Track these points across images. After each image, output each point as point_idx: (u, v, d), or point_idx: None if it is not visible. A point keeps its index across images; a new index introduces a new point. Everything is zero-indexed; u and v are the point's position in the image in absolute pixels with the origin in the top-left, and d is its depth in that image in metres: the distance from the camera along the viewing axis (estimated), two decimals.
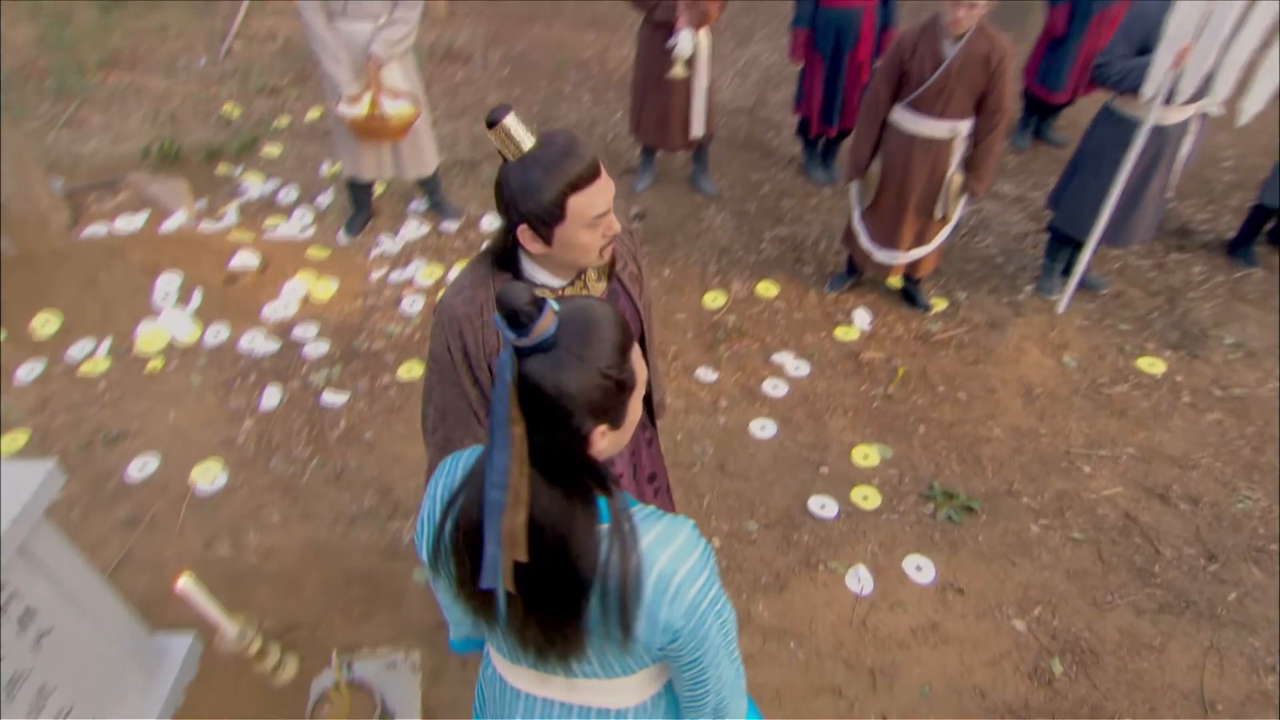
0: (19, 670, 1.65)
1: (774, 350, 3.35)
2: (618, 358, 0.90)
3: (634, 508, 0.98)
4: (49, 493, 1.62)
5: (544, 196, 1.25)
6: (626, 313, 1.57)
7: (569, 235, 1.31)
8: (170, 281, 3.39)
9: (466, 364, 1.40)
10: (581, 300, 0.93)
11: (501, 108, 1.22)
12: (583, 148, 1.25)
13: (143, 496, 2.70)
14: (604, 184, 1.29)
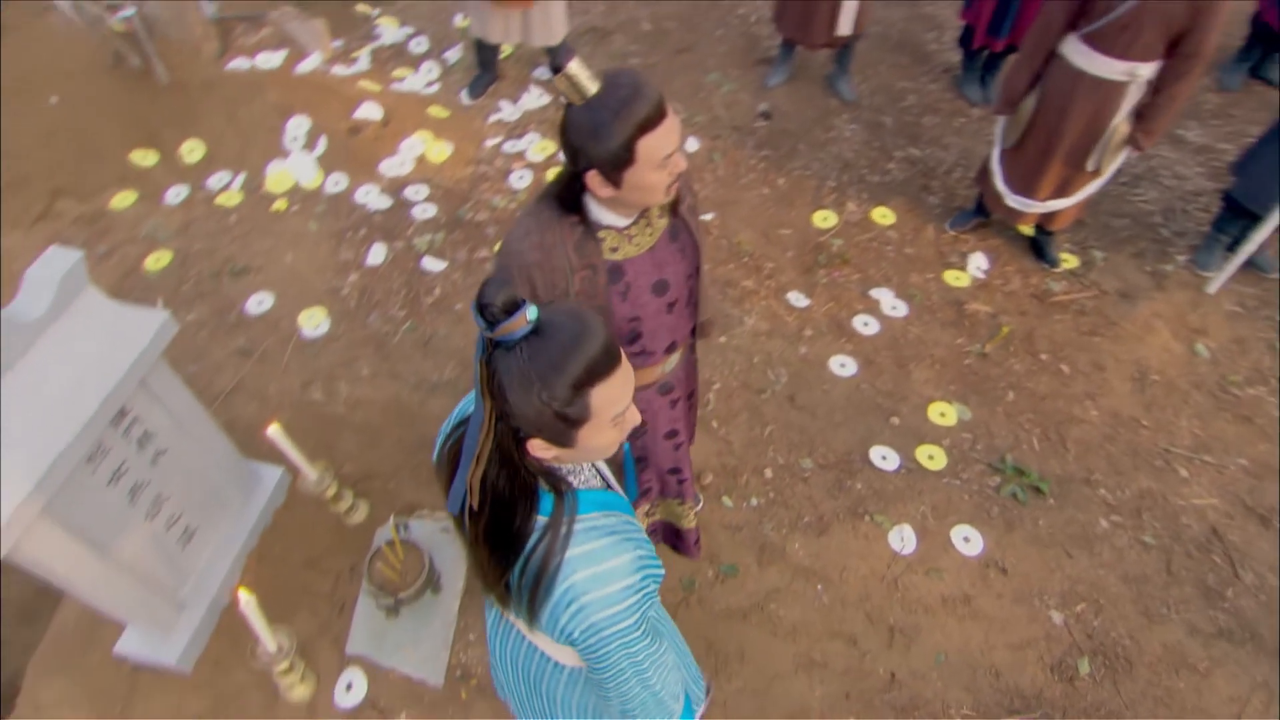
0: (140, 481, 1.93)
1: (874, 284, 3.20)
2: (567, 392, 0.90)
3: (589, 517, 1.02)
4: (165, 338, 1.82)
5: (613, 140, 1.23)
6: (686, 250, 1.55)
7: (638, 177, 1.30)
8: (300, 125, 3.53)
9: (535, 300, 1.44)
10: (573, 316, 0.92)
11: (565, 51, 1.20)
12: (649, 88, 1.23)
13: (257, 331, 2.97)
14: (671, 123, 1.28)
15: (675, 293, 1.56)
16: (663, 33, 4.36)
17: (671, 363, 1.73)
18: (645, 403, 1.75)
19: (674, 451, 1.90)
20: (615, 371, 0.93)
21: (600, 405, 0.94)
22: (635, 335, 1.56)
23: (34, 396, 1.58)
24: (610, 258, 1.44)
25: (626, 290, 1.47)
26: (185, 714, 2.12)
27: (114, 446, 1.82)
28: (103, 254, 3.25)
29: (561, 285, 1.42)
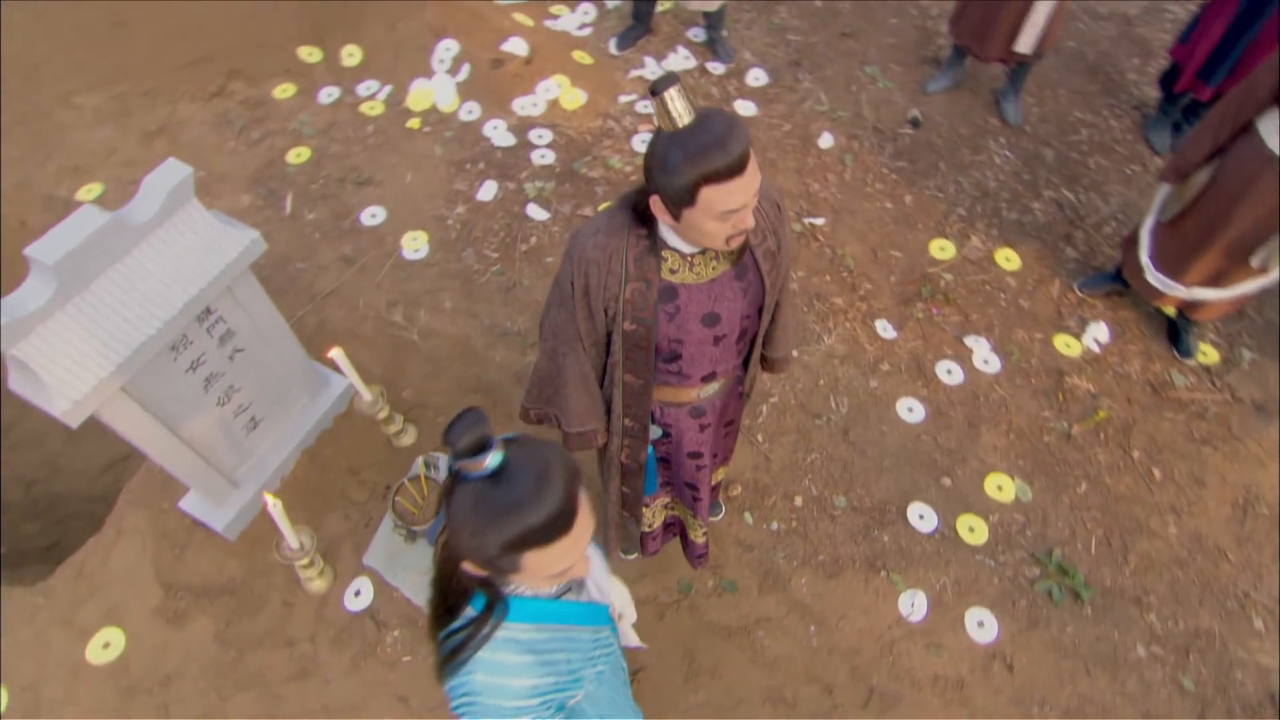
0: (216, 372, 2.16)
1: (973, 331, 3.01)
2: (496, 550, 0.91)
3: (515, 626, 1.06)
4: (251, 255, 2.00)
5: (679, 179, 1.24)
6: (750, 290, 1.53)
7: (696, 220, 1.30)
8: (448, 48, 3.65)
9: (585, 301, 1.49)
10: (536, 477, 0.90)
11: (668, 77, 1.19)
12: (734, 142, 1.21)
13: (364, 242, 3.18)
14: (744, 181, 1.25)
15: (726, 327, 1.56)
16: (832, 11, 4.13)
17: (708, 391, 1.73)
18: (674, 419, 1.78)
19: (695, 471, 1.92)
20: (556, 540, 0.93)
21: (533, 566, 0.95)
22: (674, 356, 1.58)
23: (130, 290, 1.79)
24: (667, 278, 1.45)
25: (675, 313, 1.49)
26: (225, 573, 2.41)
27: (196, 340, 2.04)
28: (256, 139, 3.53)
29: (614, 289, 1.46)
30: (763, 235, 1.53)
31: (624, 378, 1.61)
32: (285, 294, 3.04)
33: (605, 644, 1.32)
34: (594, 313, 1.52)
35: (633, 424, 1.72)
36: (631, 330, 1.50)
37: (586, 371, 1.64)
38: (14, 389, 1.74)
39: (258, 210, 3.28)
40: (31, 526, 2.99)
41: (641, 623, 2.33)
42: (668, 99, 1.19)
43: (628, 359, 1.57)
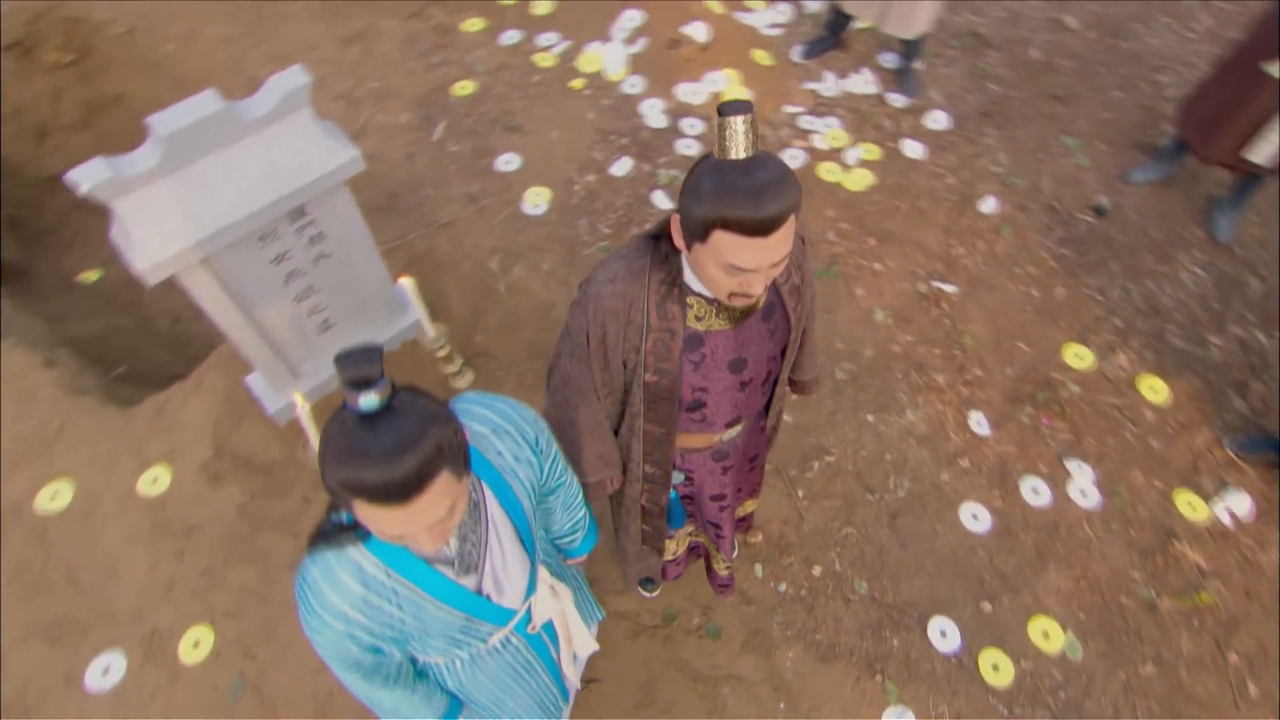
0: (299, 269, 2.29)
1: (1080, 455, 2.66)
2: (332, 482, 0.89)
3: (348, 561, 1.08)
4: (347, 171, 2.09)
5: (698, 209, 1.13)
6: (777, 331, 1.43)
7: (702, 259, 1.20)
8: (632, 19, 3.63)
9: (602, 352, 1.40)
10: (397, 436, 0.88)
11: (743, 105, 1.08)
12: (771, 200, 1.07)
13: (492, 185, 3.26)
14: (766, 246, 1.12)
15: (752, 372, 1.46)
16: (1049, 68, 3.73)
17: (731, 434, 1.64)
18: (696, 465, 1.69)
19: (718, 511, 1.83)
20: (386, 505, 0.89)
21: (363, 516, 0.93)
22: (698, 404, 1.48)
23: (228, 176, 1.92)
24: (693, 325, 1.36)
25: (701, 361, 1.40)
26: (266, 453, 2.59)
27: (285, 236, 2.17)
28: (433, 64, 3.70)
29: (634, 341, 1.37)
30: (788, 271, 1.40)
31: (645, 426, 1.52)
32: (408, 214, 3.18)
33: (479, 635, 1.29)
34: (611, 364, 1.43)
35: (654, 470, 1.64)
36: (654, 382, 1.41)
37: (600, 421, 1.55)
38: (113, 238, 1.92)
39: (410, 130, 3.44)
40: (166, 355, 3.34)
41: (613, 639, 2.28)
42: (730, 125, 1.08)
43: (649, 409, 1.48)
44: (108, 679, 2.25)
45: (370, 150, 3.38)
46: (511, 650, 1.43)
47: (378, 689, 1.24)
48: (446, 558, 1.15)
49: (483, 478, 1.18)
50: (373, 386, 0.87)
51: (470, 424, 1.20)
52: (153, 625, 2.31)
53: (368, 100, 3.55)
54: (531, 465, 1.26)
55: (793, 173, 1.13)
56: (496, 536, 1.21)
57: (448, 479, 0.94)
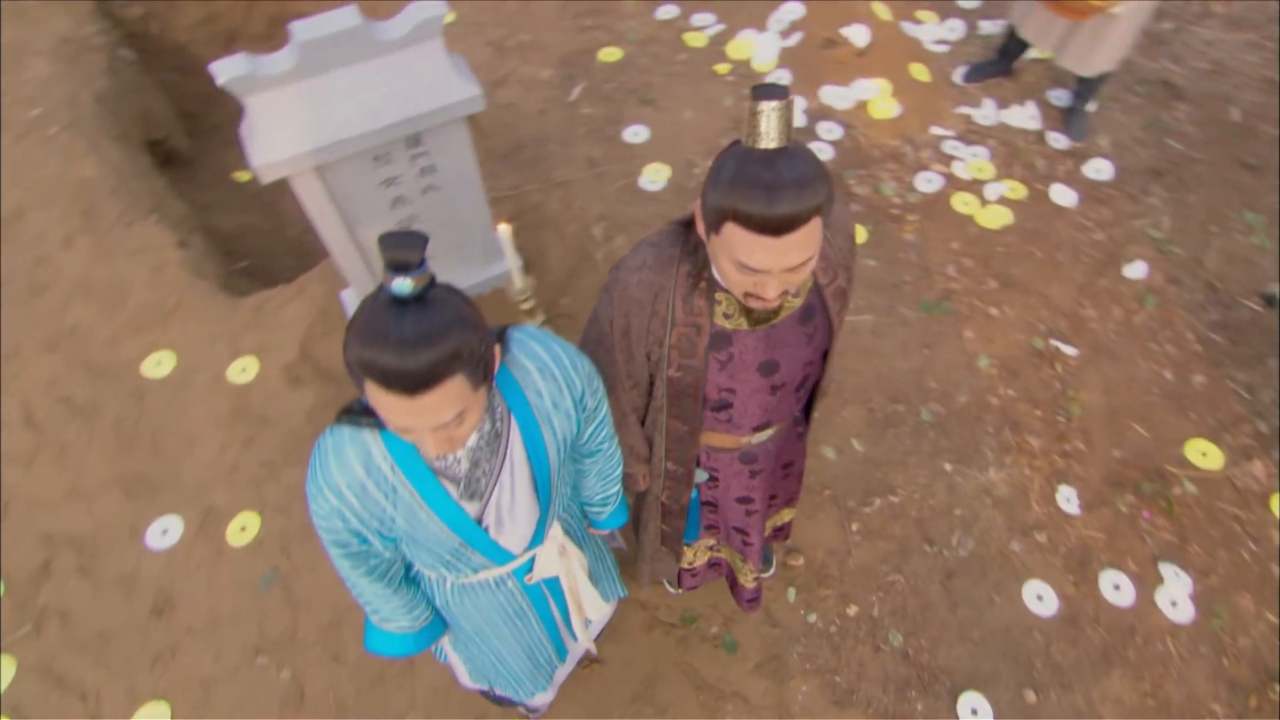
0: (406, 196, 2.35)
1: (1178, 561, 2.38)
2: (350, 356, 0.91)
3: (345, 432, 1.10)
4: (467, 108, 2.12)
5: (713, 196, 1.07)
6: (816, 335, 1.34)
7: (715, 251, 1.13)
8: (791, 11, 3.52)
9: (625, 342, 1.36)
10: (425, 322, 0.88)
11: (779, 90, 1.01)
12: (787, 199, 0.98)
13: (615, 154, 3.25)
14: (778, 247, 1.03)
15: (785, 376, 1.37)
16: (1247, 132, 3.34)
17: (761, 437, 1.56)
18: (721, 465, 1.62)
19: (745, 516, 1.75)
20: (394, 393, 0.89)
21: (372, 399, 0.93)
22: (725, 404, 1.41)
23: (354, 92, 1.99)
24: (720, 323, 1.28)
25: (728, 361, 1.32)
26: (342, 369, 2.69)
27: (398, 161, 2.23)
28: (586, 26, 3.72)
29: (658, 333, 1.31)
30: (833, 273, 1.30)
31: (668, 422, 1.46)
32: (528, 167, 3.22)
33: (470, 564, 1.28)
34: (635, 356, 1.37)
35: (676, 468, 1.57)
36: (677, 377, 1.34)
37: (627, 413, 1.50)
38: (241, 133, 2.03)
39: (549, 86, 3.48)
40: (287, 260, 3.55)
41: (626, 625, 2.23)
42: (763, 112, 1.00)
43: (672, 405, 1.41)
44: (164, 540, 2.41)
45: (506, 99, 3.44)
46: (505, 593, 1.42)
47: (360, 576, 1.25)
48: (454, 475, 1.13)
49: (514, 412, 1.16)
50: (409, 272, 0.87)
51: (519, 355, 1.17)
52: (211, 502, 2.46)
53: (515, 51, 3.61)
54: (569, 417, 1.23)
55: (825, 173, 1.03)
56: (510, 474, 1.19)
57: (461, 384, 0.93)
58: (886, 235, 3.02)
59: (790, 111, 1.01)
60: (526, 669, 1.63)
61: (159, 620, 2.28)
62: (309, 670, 2.19)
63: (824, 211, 1.04)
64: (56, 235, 3.00)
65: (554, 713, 2.11)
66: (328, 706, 2.15)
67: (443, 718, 2.11)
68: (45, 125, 3.31)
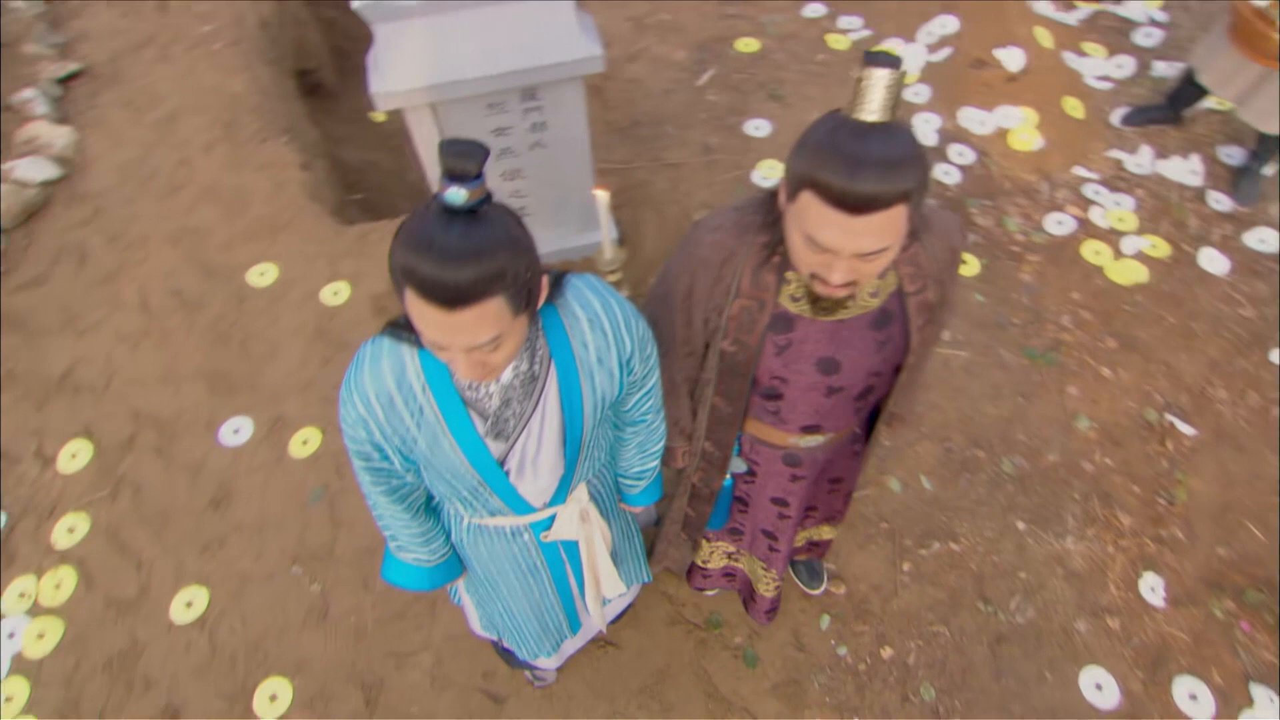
0: (513, 148, 2.37)
1: (1270, 681, 2.12)
2: (393, 261, 0.89)
3: (385, 346, 1.09)
4: (586, 67, 2.11)
5: (795, 164, 1.00)
6: (889, 345, 1.25)
7: (790, 221, 1.06)
8: (943, 25, 3.35)
9: (687, 304, 1.29)
10: (475, 237, 0.86)
11: (892, 59, 0.93)
12: (871, 178, 0.90)
13: (732, 144, 3.17)
14: (853, 228, 0.96)
15: (846, 380, 1.28)
16: None
17: (809, 442, 1.46)
18: (763, 460, 1.54)
19: (777, 519, 1.68)
20: (429, 303, 0.87)
21: (411, 310, 0.91)
22: (774, 394, 1.34)
23: (475, 34, 2.00)
24: (785, 305, 1.20)
25: (786, 347, 1.24)
26: None
27: (511, 111, 2.24)
28: (728, 14, 3.65)
29: (719, 301, 1.23)
30: (923, 282, 1.19)
31: (713, 399, 1.39)
32: (642, 144, 3.20)
33: (486, 505, 1.25)
34: (693, 320, 1.30)
35: (713, 449, 1.50)
36: (730, 352, 1.27)
37: (678, 382, 1.44)
38: (368, 60, 2.09)
39: (680, 68, 3.44)
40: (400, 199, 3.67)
41: (649, 616, 2.19)
42: (870, 80, 0.92)
43: (721, 381, 1.34)
44: (234, 438, 2.53)
45: (634, 75, 3.43)
46: (520, 545, 1.39)
47: (381, 495, 1.24)
48: (483, 409, 1.11)
49: (555, 359, 1.12)
50: (465, 182, 0.85)
51: (572, 301, 1.14)
52: (281, 411, 2.56)
53: (653, 29, 3.59)
54: (612, 377, 1.19)
55: (921, 161, 0.94)
56: (540, 422, 1.15)
57: (500, 307, 0.90)
58: (1001, 272, 2.83)
59: (900, 86, 0.94)
60: (533, 628, 1.61)
61: (214, 511, 2.39)
62: (337, 589, 2.25)
63: (911, 201, 0.96)
64: (199, 141, 3.21)
65: (559, 685, 2.09)
66: (347, 628, 2.20)
67: (453, 663, 2.13)
68: (212, 41, 3.55)
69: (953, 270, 1.25)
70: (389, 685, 2.11)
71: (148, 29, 3.74)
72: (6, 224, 3.00)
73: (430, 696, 2.09)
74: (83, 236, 2.98)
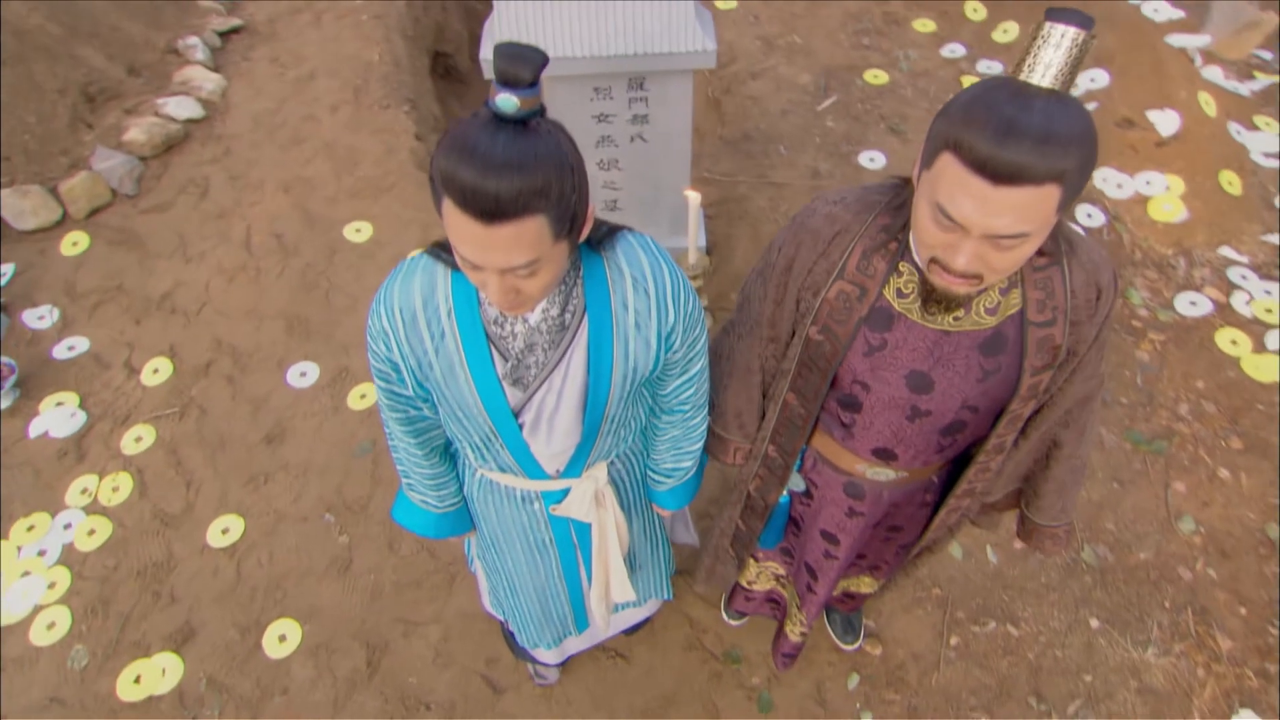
0: (613, 137, 2.34)
1: None
2: (434, 168, 0.84)
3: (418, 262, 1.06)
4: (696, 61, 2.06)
5: (939, 121, 0.87)
6: (995, 378, 1.10)
7: (919, 195, 0.94)
8: (1094, 80, 3.12)
9: (785, 279, 1.17)
10: (520, 148, 0.80)
11: (1080, 15, 0.80)
12: (1022, 147, 0.77)
13: (841, 171, 3.05)
14: (996, 198, 0.82)
15: (936, 403, 1.13)
16: None
17: (878, 474, 1.30)
18: (822, 482, 1.39)
19: (822, 556, 1.53)
20: (465, 213, 0.81)
21: (448, 221, 0.86)
22: (851, 402, 1.20)
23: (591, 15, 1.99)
24: (890, 299, 1.08)
25: (878, 348, 1.11)
26: None
27: (616, 99, 2.21)
28: (863, 44, 3.55)
29: (818, 280, 1.11)
30: (1052, 315, 1.04)
31: (786, 395, 1.26)
32: (749, 159, 3.13)
33: (498, 459, 1.20)
34: (786, 298, 1.18)
35: (776, 455, 1.37)
36: (817, 341, 1.14)
37: (754, 367, 1.31)
38: (484, 28, 2.11)
39: (802, 91, 3.36)
40: None
41: (666, 637, 2.08)
42: (1048, 37, 0.79)
43: (799, 375, 1.21)
44: (300, 380, 2.59)
45: (755, 92, 3.37)
46: (530, 514, 1.33)
47: (397, 425, 1.20)
48: (506, 349, 1.06)
49: (590, 314, 1.05)
50: (517, 89, 0.80)
51: (621, 257, 1.07)
52: (348, 363, 2.60)
53: (782, 50, 3.53)
54: (648, 348, 1.10)
55: (1090, 140, 0.81)
56: (563, 379, 1.09)
57: (540, 227, 0.84)
58: (1115, 345, 2.57)
59: (1085, 52, 0.80)
60: (535, 612, 1.54)
61: (267, 447, 2.45)
62: (363, 544, 2.24)
63: (1064, 186, 0.82)
64: (328, 100, 3.36)
65: (560, 688, 2.00)
66: (365, 585, 2.18)
67: (459, 642, 2.07)
68: (360, 12, 3.73)
69: (1095, 316, 1.07)
70: (393, 650, 2.08)
71: None
72: (148, 153, 3.22)
73: (431, 671, 2.04)
74: (209, 173, 3.16)
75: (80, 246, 2.94)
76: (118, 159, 3.10)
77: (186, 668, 2.06)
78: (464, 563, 2.20)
